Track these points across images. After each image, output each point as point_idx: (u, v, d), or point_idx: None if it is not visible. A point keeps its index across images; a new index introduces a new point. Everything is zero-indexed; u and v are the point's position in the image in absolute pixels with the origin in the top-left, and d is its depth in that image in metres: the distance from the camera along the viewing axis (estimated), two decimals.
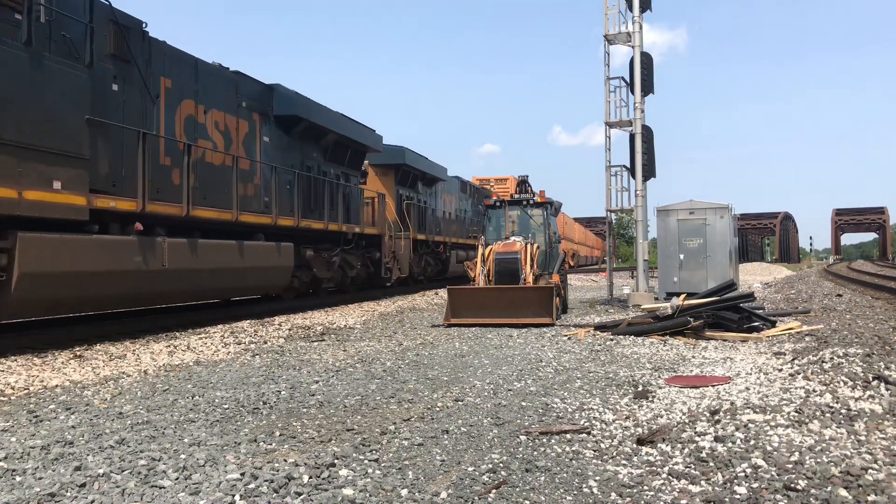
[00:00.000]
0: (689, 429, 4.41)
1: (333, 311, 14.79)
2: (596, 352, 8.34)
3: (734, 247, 17.42)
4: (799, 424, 4.31)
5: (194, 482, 3.51)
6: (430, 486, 3.51)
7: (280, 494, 3.36)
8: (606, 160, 17.36)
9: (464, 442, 4.34)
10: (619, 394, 5.83)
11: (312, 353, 8.63)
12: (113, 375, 7.06)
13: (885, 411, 4.55)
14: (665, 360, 7.72)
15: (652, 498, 3.30)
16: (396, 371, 7.07)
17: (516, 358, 7.92)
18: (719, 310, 9.96)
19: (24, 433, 4.62)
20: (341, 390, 6.05)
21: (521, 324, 11.27)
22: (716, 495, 3.27)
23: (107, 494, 3.37)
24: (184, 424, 4.84)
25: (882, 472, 3.40)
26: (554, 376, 6.70)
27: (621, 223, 65.90)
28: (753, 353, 8.13)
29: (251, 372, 7.15)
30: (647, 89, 16.84)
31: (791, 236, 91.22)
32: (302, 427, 4.74)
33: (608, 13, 16.99)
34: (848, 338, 8.05)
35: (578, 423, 4.76)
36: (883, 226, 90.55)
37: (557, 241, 14.82)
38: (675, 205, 16.69)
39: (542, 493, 3.40)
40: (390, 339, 10.07)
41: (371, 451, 4.13)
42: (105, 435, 4.52)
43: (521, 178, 15.57)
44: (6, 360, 7.80)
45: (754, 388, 5.79)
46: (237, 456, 3.99)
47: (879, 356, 6.36)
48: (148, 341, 9.65)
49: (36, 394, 6.14)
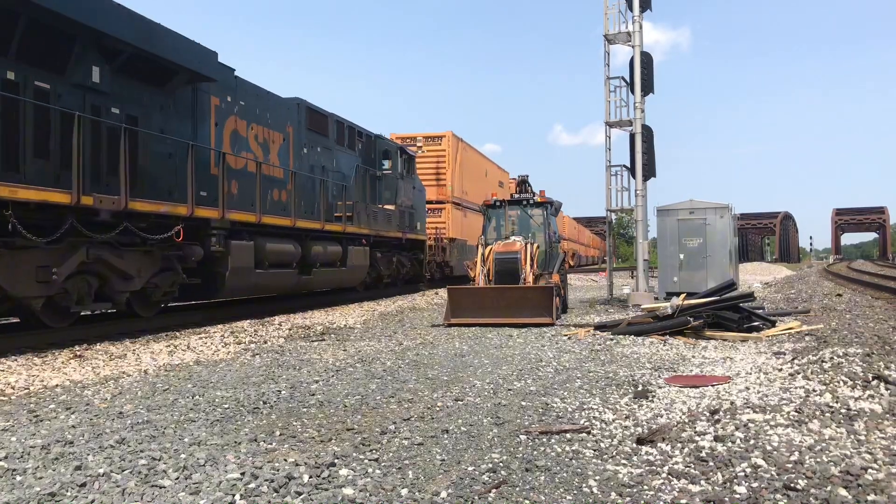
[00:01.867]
0: (689, 428, 4.41)
1: (333, 311, 14.79)
2: (596, 351, 8.34)
3: (734, 247, 17.42)
4: (799, 424, 4.31)
5: (194, 482, 3.51)
6: (430, 486, 3.51)
7: (280, 494, 3.36)
8: (606, 160, 17.37)
9: (464, 441, 4.35)
10: (618, 393, 5.83)
11: (312, 352, 8.63)
12: (113, 375, 7.06)
13: (884, 411, 4.55)
14: (665, 359, 7.72)
15: (652, 497, 3.30)
16: (396, 371, 7.08)
17: (516, 358, 7.92)
18: (719, 309, 9.97)
19: (25, 433, 4.63)
20: (341, 390, 6.05)
21: (521, 324, 11.27)
22: (716, 495, 3.27)
23: (107, 494, 3.37)
24: (184, 424, 4.84)
25: (882, 472, 3.40)
26: (554, 376, 6.70)
27: (621, 223, 65.90)
28: (753, 352, 8.13)
29: (251, 372, 7.16)
30: (647, 89, 16.84)
31: (791, 236, 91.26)
32: (302, 427, 4.74)
33: (608, 13, 17.00)
34: (848, 337, 8.06)
35: (578, 423, 4.76)
36: (883, 226, 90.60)
37: (557, 241, 14.82)
38: (675, 204, 16.69)
39: (542, 493, 3.40)
40: (390, 338, 10.07)
41: (371, 450, 4.14)
42: (105, 434, 4.52)
43: (521, 178, 15.57)
44: (6, 360, 7.80)
45: (754, 387, 5.79)
46: (237, 455, 3.99)
47: (879, 356, 6.36)
48: (148, 341, 9.65)
49: (36, 393, 6.14)
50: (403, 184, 20.12)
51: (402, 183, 20.04)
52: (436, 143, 25.25)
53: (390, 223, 19.02)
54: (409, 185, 20.70)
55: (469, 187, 27.32)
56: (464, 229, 26.49)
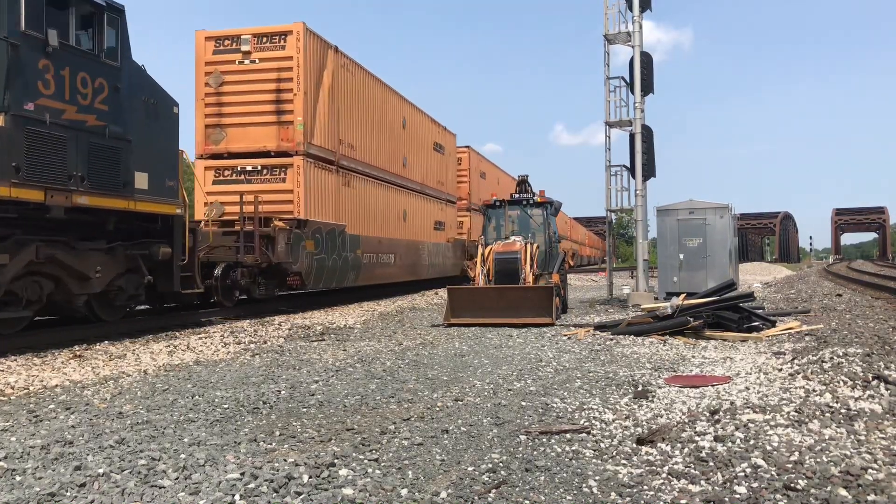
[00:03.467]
0: (689, 428, 4.41)
1: (333, 311, 14.79)
2: (596, 352, 8.34)
3: (734, 246, 17.42)
4: (799, 424, 4.31)
5: (194, 482, 3.51)
6: (430, 486, 3.51)
7: (280, 494, 3.36)
8: (606, 160, 17.37)
9: (464, 441, 4.34)
10: (618, 393, 5.83)
11: (312, 352, 8.63)
12: (113, 375, 7.06)
13: (884, 411, 4.55)
14: (665, 359, 7.72)
15: (652, 498, 3.30)
16: (396, 371, 7.07)
17: (516, 358, 7.91)
18: (719, 309, 9.96)
19: (24, 433, 4.62)
20: (341, 390, 6.05)
21: (521, 324, 11.27)
22: (716, 495, 3.27)
23: (107, 494, 3.37)
24: (184, 424, 4.84)
25: (882, 472, 3.40)
26: (554, 376, 6.70)
27: (621, 223, 65.93)
28: (753, 352, 8.13)
29: (251, 372, 7.15)
30: (646, 89, 16.85)
31: (791, 236, 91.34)
32: (302, 427, 4.74)
33: (608, 13, 17.00)
34: (848, 337, 8.06)
35: (578, 423, 4.76)
36: (883, 225, 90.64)
37: (557, 241, 14.82)
38: (675, 204, 16.69)
39: (542, 493, 3.40)
40: (390, 338, 10.07)
41: (371, 450, 4.13)
42: (105, 435, 4.52)
43: (520, 178, 15.57)
44: (6, 360, 7.80)
45: (754, 387, 5.79)
46: (237, 456, 3.99)
47: (879, 356, 6.36)
48: (148, 341, 9.65)
49: (36, 393, 6.13)
50: (104, 72, 9.26)
51: (105, 71, 9.27)
52: (275, 45, 14.36)
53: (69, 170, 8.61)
54: (118, 81, 9.46)
55: (360, 136, 17.11)
56: (342, 207, 15.98)
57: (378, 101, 18.54)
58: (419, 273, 21.80)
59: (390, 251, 19.08)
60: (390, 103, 19.53)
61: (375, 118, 18.30)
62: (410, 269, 20.99)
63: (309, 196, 14.49)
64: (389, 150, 19.28)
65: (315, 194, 14.82)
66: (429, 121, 23.37)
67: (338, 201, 15.94)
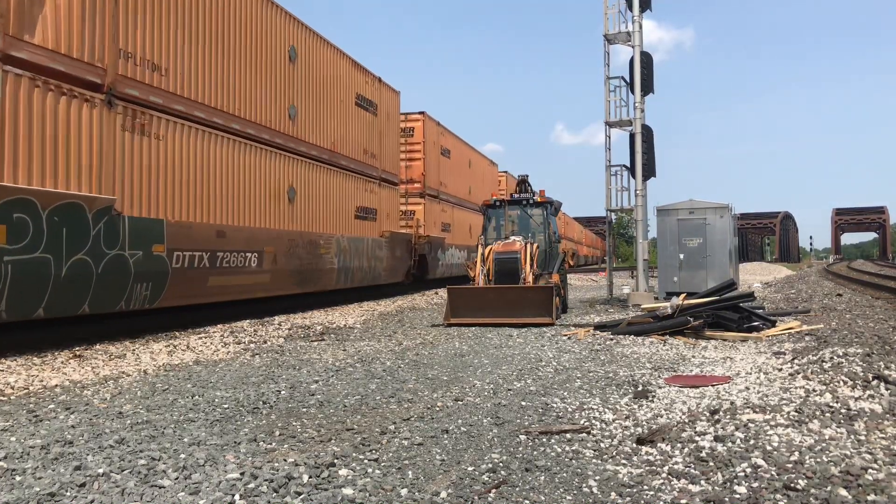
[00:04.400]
0: (689, 428, 4.41)
1: (333, 311, 14.79)
2: (596, 351, 8.34)
3: (734, 246, 17.43)
4: (799, 424, 4.31)
5: (194, 482, 3.51)
6: (430, 486, 3.51)
7: (280, 494, 3.36)
8: (606, 160, 17.37)
9: (464, 441, 4.34)
10: (618, 393, 5.82)
11: (312, 352, 8.63)
12: (113, 375, 7.06)
13: (884, 411, 4.55)
14: (665, 359, 7.72)
15: (652, 498, 3.30)
16: (396, 371, 7.07)
17: (516, 357, 7.91)
18: (719, 309, 9.96)
19: (24, 433, 4.62)
20: (341, 390, 6.05)
21: (521, 323, 11.27)
22: (716, 495, 3.26)
23: (107, 494, 3.37)
24: (183, 424, 4.84)
25: (882, 472, 3.40)
26: (554, 376, 6.69)
27: (621, 223, 65.90)
28: (753, 352, 8.13)
29: (251, 372, 7.15)
30: (646, 89, 16.85)
31: (791, 236, 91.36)
32: (302, 427, 4.74)
33: (608, 13, 17.00)
34: (848, 337, 8.05)
35: (578, 423, 4.76)
36: (883, 225, 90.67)
37: (557, 241, 14.82)
38: (675, 204, 16.69)
39: (542, 493, 3.40)
40: (390, 338, 10.07)
41: (371, 450, 4.13)
42: (105, 435, 4.52)
43: (520, 178, 15.57)
44: (6, 360, 7.80)
45: (754, 387, 5.79)
46: (237, 455, 3.99)
47: (879, 356, 6.36)
48: (147, 341, 9.65)
49: (36, 393, 6.13)
50: None
51: None
52: None
53: None
54: None
55: (183, 55, 10.77)
56: (122, 170, 9.44)
57: (233, 8, 12.14)
58: (319, 281, 15.21)
59: (249, 248, 12.47)
60: (265, 20, 13.11)
61: (225, 33, 11.91)
62: (298, 277, 14.30)
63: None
64: (257, 91, 12.85)
65: (23, 135, 8.02)
66: (348, 62, 16.93)
67: (109, 158, 9.28)
